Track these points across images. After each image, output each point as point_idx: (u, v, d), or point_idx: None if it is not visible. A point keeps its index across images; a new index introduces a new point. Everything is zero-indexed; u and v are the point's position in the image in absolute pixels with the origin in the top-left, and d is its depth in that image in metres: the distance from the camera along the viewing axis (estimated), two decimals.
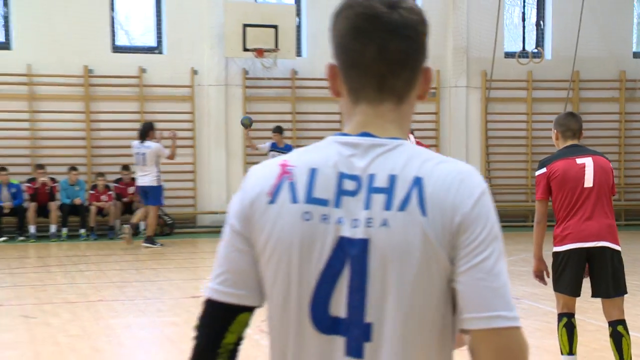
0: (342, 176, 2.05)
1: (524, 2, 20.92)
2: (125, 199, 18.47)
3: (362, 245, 1.99)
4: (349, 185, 2.04)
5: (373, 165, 2.04)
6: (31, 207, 17.83)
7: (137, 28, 20.34)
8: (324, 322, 2.03)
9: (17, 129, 18.66)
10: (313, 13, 20.11)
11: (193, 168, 19.38)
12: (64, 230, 17.93)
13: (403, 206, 1.98)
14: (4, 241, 17.47)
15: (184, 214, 19.36)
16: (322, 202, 2.03)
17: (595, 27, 20.79)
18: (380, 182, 2.01)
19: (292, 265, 2.04)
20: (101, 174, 18.35)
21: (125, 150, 18.84)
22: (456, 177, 2.00)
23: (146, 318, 9.89)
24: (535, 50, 20.69)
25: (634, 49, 21.99)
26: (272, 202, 2.06)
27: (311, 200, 2.03)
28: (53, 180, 18.10)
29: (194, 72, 19.43)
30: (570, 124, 7.48)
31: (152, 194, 16.35)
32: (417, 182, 1.99)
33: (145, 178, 16.32)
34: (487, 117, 20.79)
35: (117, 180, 18.54)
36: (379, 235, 1.99)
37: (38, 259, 15.43)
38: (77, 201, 17.98)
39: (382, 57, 2.06)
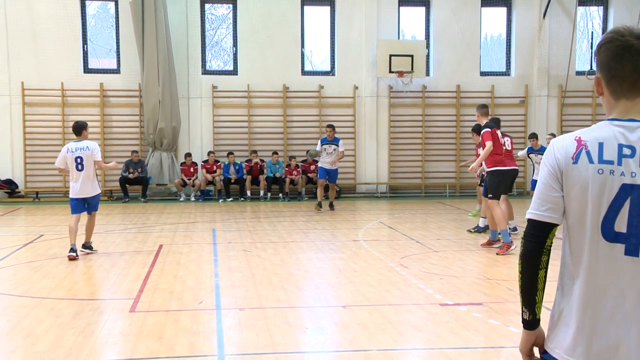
0: (620, 146, 2.29)
1: (592, 34, 19.88)
2: (309, 174, 18.76)
3: (639, 188, 2.26)
4: (627, 151, 2.28)
5: None
6: (248, 178, 18.42)
7: (318, 58, 20.48)
8: (610, 234, 2.27)
9: (239, 127, 19.27)
10: (438, 46, 19.70)
11: (354, 152, 19.47)
12: (269, 194, 18.44)
13: None
14: (230, 201, 18.09)
15: (347, 184, 19.56)
16: (609, 162, 2.28)
17: None
18: None
19: (588, 200, 2.29)
20: (293, 157, 18.71)
21: (308, 141, 19.23)
22: None
23: (322, 254, 9.94)
24: None
25: None
26: (575, 162, 2.32)
27: (602, 161, 2.28)
28: (262, 160, 18.64)
29: (356, 88, 19.43)
30: None
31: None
32: None
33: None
34: (562, 117, 19.91)
35: (303, 161, 18.86)
36: None
37: (252, 212, 15.79)
38: (277, 175, 18.44)
39: (634, 71, 2.29)
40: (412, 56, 18.76)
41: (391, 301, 7.00)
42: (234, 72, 19.34)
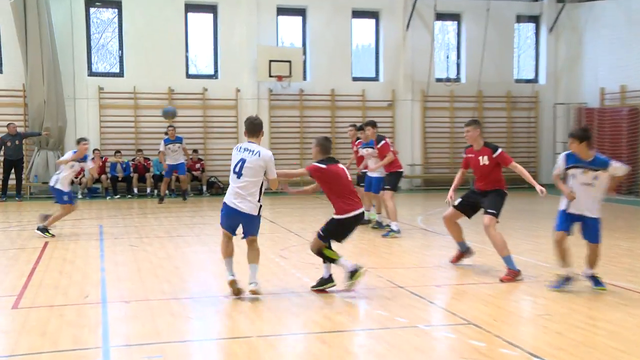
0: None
1: (448, 46, 20.83)
2: (193, 172, 18.41)
3: (244, 160, 6.27)
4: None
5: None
6: (134, 176, 17.86)
7: (202, 63, 20.10)
8: (235, 173, 6.26)
9: (126, 127, 18.66)
10: (313, 53, 19.95)
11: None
12: (155, 192, 17.95)
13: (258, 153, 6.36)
14: (118, 198, 17.55)
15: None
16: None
17: (492, 63, 20.80)
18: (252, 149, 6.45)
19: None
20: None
21: (192, 140, 18.83)
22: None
23: (207, 247, 9.85)
24: (455, 77, 20.67)
25: (515, 77, 21.88)
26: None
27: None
28: (147, 159, 18.08)
29: (238, 91, 19.29)
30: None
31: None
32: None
33: None
34: (425, 119, 20.76)
35: (190, 158, 18.41)
36: (248, 159, 6.33)
37: (139, 209, 15.37)
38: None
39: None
40: (290, 62, 18.91)
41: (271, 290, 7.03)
42: (120, 74, 18.67)
